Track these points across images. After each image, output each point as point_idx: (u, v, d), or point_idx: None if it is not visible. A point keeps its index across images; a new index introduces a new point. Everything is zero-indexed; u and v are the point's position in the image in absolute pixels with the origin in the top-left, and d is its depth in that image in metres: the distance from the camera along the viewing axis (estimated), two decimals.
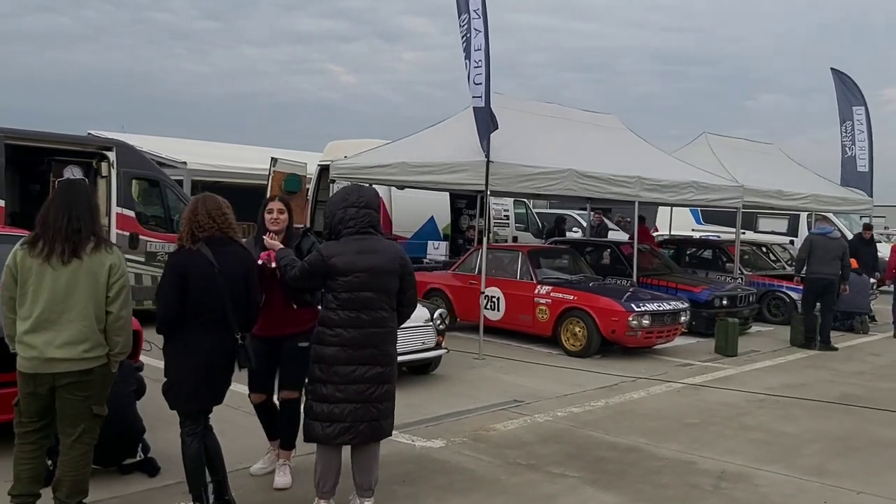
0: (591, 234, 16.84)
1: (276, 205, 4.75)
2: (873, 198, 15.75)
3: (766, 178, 13.40)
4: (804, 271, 10.99)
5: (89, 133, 14.30)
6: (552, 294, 9.72)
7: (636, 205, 11.22)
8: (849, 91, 16.05)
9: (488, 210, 11.09)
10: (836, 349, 10.74)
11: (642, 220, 12.37)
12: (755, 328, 12.10)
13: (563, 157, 10.10)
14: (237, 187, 13.48)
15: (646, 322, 9.19)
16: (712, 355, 9.86)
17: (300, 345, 4.47)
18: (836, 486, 5.15)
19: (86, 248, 3.63)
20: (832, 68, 16.28)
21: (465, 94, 9.21)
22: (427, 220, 14.81)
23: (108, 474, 4.63)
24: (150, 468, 4.76)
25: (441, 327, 7.71)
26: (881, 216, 24.33)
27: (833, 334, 11.07)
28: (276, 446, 4.85)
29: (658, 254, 13.02)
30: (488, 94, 8.88)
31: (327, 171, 12.03)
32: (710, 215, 19.68)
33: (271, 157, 13.11)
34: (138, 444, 4.77)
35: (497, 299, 10.16)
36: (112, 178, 9.94)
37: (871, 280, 13.53)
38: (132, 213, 10.10)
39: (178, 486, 4.31)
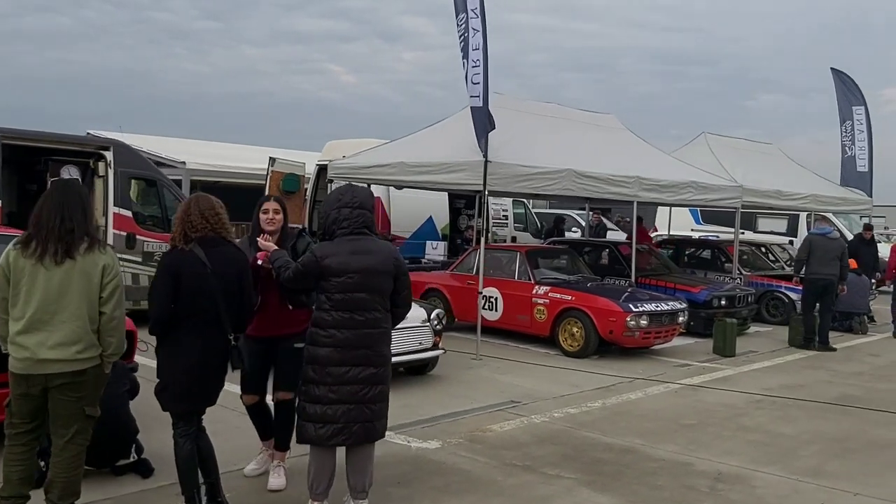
0: (589, 235, 16.83)
1: (271, 205, 4.72)
2: (873, 198, 15.74)
3: (766, 177, 13.38)
4: (803, 272, 10.97)
5: (88, 133, 14.28)
6: (550, 294, 9.70)
7: (634, 205, 11.21)
8: (849, 91, 16.02)
9: (487, 210, 11.06)
10: (834, 349, 10.73)
11: (640, 220, 12.35)
12: (754, 328, 12.08)
13: (562, 156, 10.08)
14: (236, 187, 13.49)
15: (644, 322, 9.17)
16: (710, 356, 9.85)
17: (296, 345, 4.45)
18: (834, 487, 5.13)
19: (79, 248, 3.61)
20: (832, 68, 16.26)
21: (465, 94, 9.19)
22: (425, 220, 14.80)
23: (101, 475, 4.61)
24: (143, 469, 4.74)
25: (438, 328, 7.70)
26: (881, 216, 24.30)
27: (832, 335, 11.07)
28: (269, 446, 4.84)
29: (657, 254, 13.01)
30: (486, 93, 8.86)
31: (326, 170, 12.02)
32: (709, 215, 19.66)
33: (269, 157, 13.10)
34: (132, 444, 4.75)
35: (495, 299, 10.15)
36: (109, 178, 9.92)
37: (872, 280, 13.52)
38: (129, 213, 10.10)
39: (172, 488, 4.29)
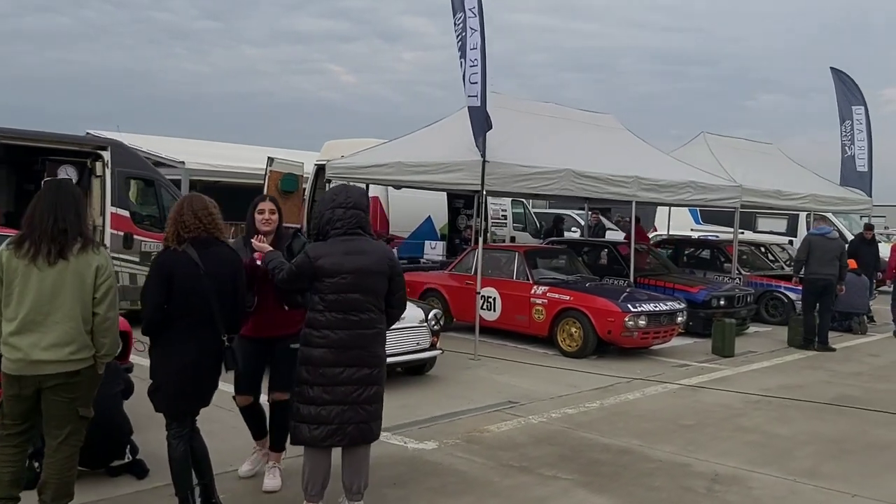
0: (588, 235, 16.82)
1: (267, 205, 4.71)
2: (872, 198, 15.71)
3: (765, 177, 13.37)
4: (803, 272, 10.95)
5: (88, 133, 14.26)
6: (548, 294, 9.68)
7: (633, 205, 11.19)
8: (848, 91, 15.98)
9: (485, 210, 11.05)
10: (833, 350, 10.71)
11: (637, 220, 12.34)
12: (753, 328, 12.06)
13: (561, 156, 10.06)
14: (236, 187, 13.47)
15: (642, 322, 9.15)
16: (709, 356, 9.82)
17: (292, 346, 4.42)
18: (831, 488, 5.11)
19: (72, 248, 3.59)
20: (832, 68, 16.20)
21: (465, 94, 9.17)
22: (424, 219, 14.77)
23: (95, 476, 4.60)
24: (138, 470, 4.73)
25: (436, 328, 7.69)
26: (881, 216, 24.26)
27: (831, 335, 11.05)
28: (263, 446, 4.83)
29: (655, 254, 12.99)
30: (484, 93, 8.84)
31: (324, 170, 11.99)
32: (708, 215, 19.63)
33: (268, 157, 13.09)
34: (126, 445, 4.74)
35: (493, 299, 10.13)
36: (107, 178, 9.91)
37: (873, 280, 13.49)
38: (127, 213, 10.09)
39: (167, 489, 4.26)
